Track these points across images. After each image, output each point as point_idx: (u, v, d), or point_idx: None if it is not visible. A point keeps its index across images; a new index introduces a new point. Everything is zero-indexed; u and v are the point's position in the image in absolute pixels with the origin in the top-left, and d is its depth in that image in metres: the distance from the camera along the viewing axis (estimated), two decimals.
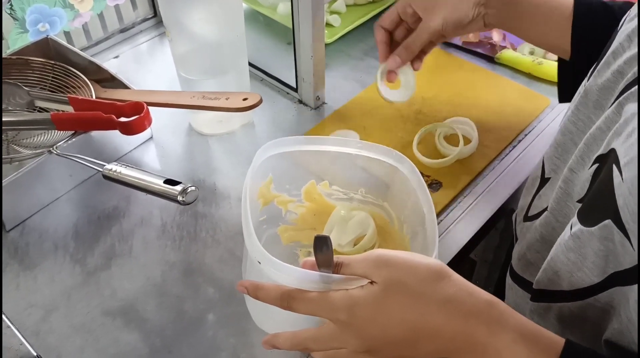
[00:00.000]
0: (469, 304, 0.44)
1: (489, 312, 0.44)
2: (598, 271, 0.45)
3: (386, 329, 0.45)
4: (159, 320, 0.64)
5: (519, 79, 0.92)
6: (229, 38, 0.75)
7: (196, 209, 0.75)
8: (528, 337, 0.43)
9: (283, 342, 0.50)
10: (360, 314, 0.45)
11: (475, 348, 0.43)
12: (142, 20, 1.02)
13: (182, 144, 0.84)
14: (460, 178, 0.78)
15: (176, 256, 0.69)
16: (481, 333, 0.43)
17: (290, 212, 0.70)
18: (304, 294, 0.47)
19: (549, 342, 0.43)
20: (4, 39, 0.87)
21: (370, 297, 0.45)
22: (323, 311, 0.47)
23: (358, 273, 0.47)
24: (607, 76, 0.49)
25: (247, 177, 0.58)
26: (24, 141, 0.80)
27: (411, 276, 0.45)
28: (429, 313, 0.44)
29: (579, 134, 0.53)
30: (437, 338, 0.44)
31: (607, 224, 0.41)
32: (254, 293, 0.50)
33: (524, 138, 0.83)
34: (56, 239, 0.71)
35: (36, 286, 0.67)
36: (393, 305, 0.44)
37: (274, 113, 0.88)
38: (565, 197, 0.53)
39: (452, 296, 0.44)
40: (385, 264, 0.45)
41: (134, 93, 0.79)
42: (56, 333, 0.62)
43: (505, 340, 0.43)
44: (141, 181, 0.62)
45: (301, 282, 0.48)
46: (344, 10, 1.03)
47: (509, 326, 0.43)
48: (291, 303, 0.48)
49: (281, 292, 0.48)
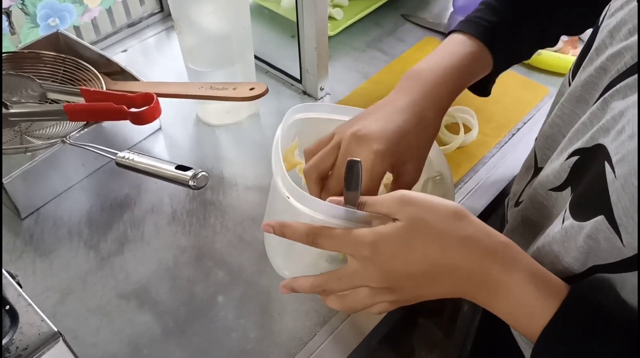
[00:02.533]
0: (486, 243, 0.46)
1: (504, 251, 0.46)
2: (579, 265, 0.46)
3: (408, 263, 0.47)
4: (171, 302, 0.66)
5: (518, 69, 0.94)
6: (236, 30, 0.77)
7: (205, 197, 0.77)
8: (538, 277, 0.45)
9: (302, 284, 0.52)
10: (384, 249, 0.47)
11: (488, 286, 0.46)
12: (149, 15, 1.04)
13: (190, 135, 0.86)
14: (461, 165, 0.80)
15: (187, 241, 0.72)
16: (495, 271, 0.45)
17: None
18: (329, 230, 0.49)
19: (557, 285, 0.45)
20: (16, 34, 0.89)
21: (393, 233, 0.47)
22: (347, 247, 0.48)
23: (382, 211, 0.48)
24: (590, 71, 0.50)
25: (278, 130, 0.60)
26: (37, 132, 0.82)
27: (433, 215, 0.47)
28: (450, 248, 0.46)
29: (565, 127, 0.55)
30: (455, 274, 0.46)
31: (599, 220, 0.43)
32: (280, 230, 0.51)
33: (522, 126, 0.86)
34: (70, 226, 0.74)
35: (52, 271, 0.69)
36: (415, 241, 0.46)
37: (279, 104, 0.90)
38: (538, 186, 0.54)
39: (470, 235, 0.46)
40: (408, 203, 0.47)
41: (143, 85, 0.82)
42: (73, 315, 0.65)
43: (517, 278, 0.45)
44: (153, 168, 0.65)
45: (327, 216, 0.50)
46: (347, 4, 1.05)
47: (522, 266, 0.45)
48: (316, 239, 0.49)
49: (307, 228, 0.50)
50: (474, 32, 0.62)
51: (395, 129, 0.56)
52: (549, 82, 0.91)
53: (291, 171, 0.70)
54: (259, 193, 0.77)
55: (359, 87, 0.92)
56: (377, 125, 0.57)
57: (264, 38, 1.00)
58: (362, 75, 0.95)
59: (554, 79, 0.92)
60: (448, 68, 0.61)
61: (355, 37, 1.03)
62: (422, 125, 0.59)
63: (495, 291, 0.46)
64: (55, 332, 0.49)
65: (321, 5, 0.80)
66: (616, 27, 0.48)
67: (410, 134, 0.57)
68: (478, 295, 0.47)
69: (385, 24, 1.05)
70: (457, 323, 1.11)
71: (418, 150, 0.58)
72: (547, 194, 0.53)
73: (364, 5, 1.05)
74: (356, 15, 1.03)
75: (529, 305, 0.44)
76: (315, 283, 0.52)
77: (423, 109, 0.59)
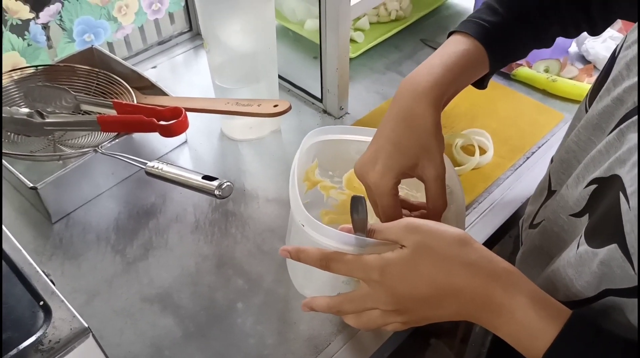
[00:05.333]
0: (489, 268, 0.49)
1: (506, 277, 0.48)
2: (592, 289, 0.48)
3: (415, 287, 0.49)
4: (192, 306, 0.69)
5: (534, 95, 0.97)
6: (262, 49, 0.81)
7: (227, 208, 0.80)
8: (539, 302, 0.47)
9: (320, 303, 0.56)
10: (392, 273, 0.50)
11: (492, 308, 0.48)
12: (179, 34, 1.08)
13: (214, 148, 0.89)
14: (476, 185, 0.82)
15: (209, 249, 0.75)
16: (498, 295, 0.47)
17: (331, 198, 0.74)
18: (341, 256, 0.52)
19: (558, 309, 0.47)
20: (53, 48, 0.94)
21: (400, 258, 0.50)
22: (358, 271, 0.52)
23: (390, 238, 0.52)
24: (607, 102, 0.52)
25: (295, 157, 0.64)
26: (69, 141, 0.86)
27: (438, 241, 0.50)
28: (454, 273, 0.48)
29: (581, 153, 0.57)
30: (460, 297, 0.48)
31: (612, 248, 0.44)
32: (296, 255, 0.55)
33: (537, 149, 0.88)
34: (99, 231, 0.77)
35: (80, 274, 0.72)
36: (422, 266, 0.49)
37: (300, 121, 0.93)
38: (560, 210, 0.56)
39: (474, 261, 0.49)
40: (414, 230, 0.50)
41: (172, 99, 0.85)
42: (98, 316, 0.68)
43: (519, 302, 0.47)
44: (181, 177, 0.68)
45: (339, 243, 0.53)
46: (368, 28, 1.09)
47: (523, 291, 0.47)
48: (329, 264, 0.53)
49: (321, 254, 0.53)
50: (471, 32, 0.63)
51: (383, 145, 0.59)
52: (564, 109, 0.94)
53: (313, 189, 0.73)
54: (278, 205, 0.80)
55: (377, 107, 0.95)
56: (368, 153, 0.61)
57: (288, 58, 1.04)
58: (381, 96, 0.98)
59: (569, 105, 0.95)
60: (443, 66, 0.61)
61: (376, 59, 1.06)
62: (413, 125, 0.59)
63: (498, 314, 0.48)
64: (86, 327, 0.52)
65: (343, 28, 0.84)
66: (633, 59, 0.50)
67: (401, 140, 0.59)
68: (482, 317, 0.49)
69: (405, 48, 1.08)
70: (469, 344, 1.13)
71: (418, 148, 0.59)
72: (568, 219, 0.55)
73: (384, 29, 1.08)
74: (377, 39, 1.06)
75: (531, 328, 0.46)
76: (331, 304, 0.56)
77: (412, 109, 0.59)
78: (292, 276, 0.67)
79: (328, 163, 0.72)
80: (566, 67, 0.99)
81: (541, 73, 0.98)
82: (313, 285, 0.64)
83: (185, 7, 1.07)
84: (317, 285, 0.63)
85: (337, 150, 0.71)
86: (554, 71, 0.99)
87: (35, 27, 0.90)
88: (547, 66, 1.00)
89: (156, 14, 1.03)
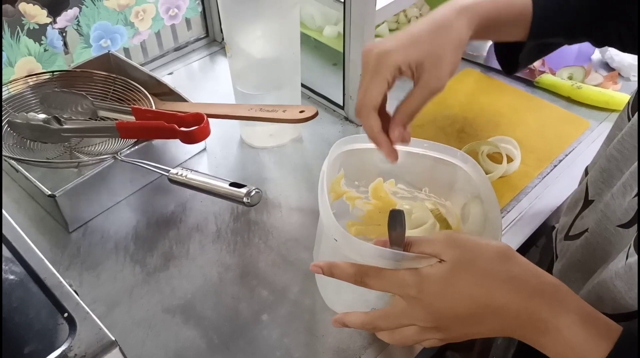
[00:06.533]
0: (534, 283, 0.46)
1: (552, 293, 0.46)
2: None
3: (454, 304, 0.47)
4: (216, 318, 0.66)
5: (558, 102, 0.95)
6: (286, 55, 0.79)
7: (249, 217, 0.78)
8: (588, 320, 0.44)
9: (354, 320, 0.53)
10: (430, 289, 0.47)
11: (537, 326, 0.45)
12: (195, 40, 1.07)
13: (234, 156, 0.88)
14: (503, 194, 0.80)
15: (231, 259, 0.73)
16: (544, 312, 0.45)
17: (357, 208, 0.72)
18: (377, 271, 0.50)
19: (607, 327, 0.44)
20: (69, 53, 0.92)
21: (439, 274, 0.47)
22: (394, 287, 0.49)
23: (428, 252, 0.49)
24: None
25: (323, 169, 0.62)
26: (85, 148, 0.85)
27: (479, 256, 0.47)
28: (496, 289, 0.46)
29: (624, 162, 0.55)
30: (503, 314, 0.46)
31: None
32: (329, 271, 0.52)
33: (564, 158, 0.86)
34: (117, 240, 0.75)
35: (99, 284, 0.70)
36: (461, 281, 0.47)
37: (321, 129, 0.92)
38: (605, 221, 0.54)
39: (518, 276, 0.46)
40: (454, 244, 0.48)
41: (192, 106, 0.84)
42: (119, 326, 0.66)
43: (567, 320, 0.44)
44: (207, 184, 0.66)
45: (374, 258, 0.50)
46: (388, 34, 1.07)
47: (571, 308, 0.45)
48: (365, 279, 0.50)
49: (355, 269, 0.51)
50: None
51: (402, 35, 0.59)
52: (590, 116, 0.92)
53: (339, 199, 0.71)
54: (302, 214, 0.78)
55: None
56: (390, 37, 0.60)
57: (307, 65, 1.02)
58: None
59: (595, 113, 0.93)
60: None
61: None
62: (443, 27, 0.59)
63: (544, 332, 0.45)
64: (113, 340, 0.50)
65: (368, 34, 0.82)
66: None
67: (421, 36, 0.58)
68: (527, 335, 0.47)
69: None
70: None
71: (431, 49, 0.58)
72: (616, 230, 0.53)
73: None
74: None
75: (580, 347, 0.44)
76: (366, 320, 0.53)
77: (443, 16, 0.60)
78: (322, 291, 0.65)
79: (354, 172, 0.70)
80: (590, 74, 0.98)
81: (565, 80, 0.96)
82: (344, 300, 0.62)
83: (202, 13, 1.05)
84: (349, 300, 0.61)
85: (362, 159, 0.69)
86: (579, 78, 0.97)
87: (53, 32, 0.88)
88: (571, 73, 0.98)
89: (173, 20, 1.02)
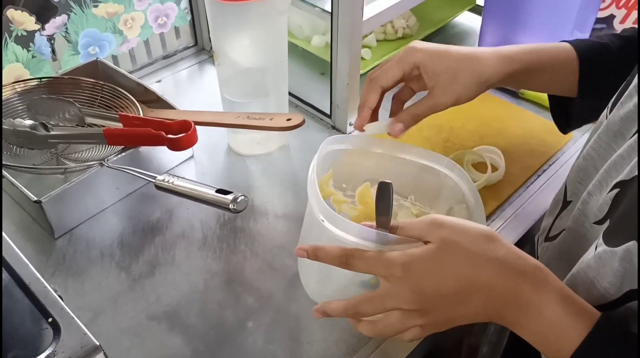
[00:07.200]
0: (518, 264, 0.47)
1: (535, 273, 0.47)
2: (615, 290, 0.47)
3: (440, 282, 0.48)
4: (201, 325, 0.66)
5: (543, 113, 0.96)
6: (273, 63, 0.80)
7: (235, 224, 0.78)
8: (569, 300, 0.46)
9: (335, 308, 0.53)
10: (416, 268, 0.48)
11: (520, 304, 0.46)
12: (184, 49, 1.07)
13: (221, 163, 0.88)
14: (488, 203, 0.81)
15: (217, 266, 0.73)
16: (527, 291, 0.46)
17: (343, 213, 0.72)
18: (362, 253, 0.50)
19: (586, 309, 0.46)
20: (57, 60, 0.92)
21: (425, 254, 0.48)
22: (380, 268, 0.50)
23: (413, 235, 0.50)
24: (629, 107, 0.52)
25: (314, 158, 0.62)
26: (72, 155, 0.84)
27: (464, 237, 0.48)
28: (482, 268, 0.47)
29: (599, 160, 0.56)
30: (487, 293, 0.47)
31: (631, 245, 0.44)
32: (313, 254, 0.53)
33: (548, 167, 0.87)
34: (103, 247, 0.75)
35: (84, 291, 0.70)
36: (447, 261, 0.48)
37: (309, 137, 0.92)
38: (583, 218, 0.55)
39: (502, 256, 0.47)
40: (439, 225, 0.49)
41: (179, 113, 0.84)
42: (103, 334, 0.65)
43: (548, 299, 0.46)
44: (194, 191, 0.66)
45: (360, 238, 0.51)
46: (375, 45, 1.08)
47: (552, 287, 0.47)
48: (349, 261, 0.51)
49: (340, 251, 0.51)
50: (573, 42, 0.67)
51: (440, 48, 0.68)
52: None
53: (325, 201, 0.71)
54: (288, 222, 0.79)
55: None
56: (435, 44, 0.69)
57: (295, 74, 1.03)
58: (388, 112, 0.97)
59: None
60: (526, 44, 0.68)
61: None
62: (472, 58, 0.67)
63: (526, 311, 0.47)
64: (97, 345, 0.50)
65: (355, 43, 0.83)
66: None
67: (451, 57, 0.67)
68: (508, 315, 0.48)
69: None
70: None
71: (451, 70, 0.66)
72: (592, 227, 0.54)
73: (391, 47, 1.08)
74: (384, 56, 1.06)
75: (560, 326, 0.45)
76: (348, 305, 0.53)
77: (482, 52, 0.68)
78: (305, 281, 0.64)
79: (343, 174, 0.71)
80: None
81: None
82: (327, 291, 0.61)
83: (191, 22, 1.06)
84: (332, 289, 0.60)
85: (353, 162, 0.69)
86: None
87: (41, 38, 0.88)
88: None
89: (162, 28, 1.02)
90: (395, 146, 0.68)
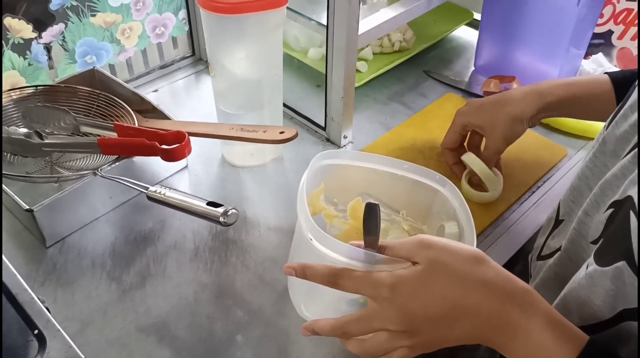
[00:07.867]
0: (506, 286, 0.47)
1: (523, 297, 0.47)
2: (608, 309, 0.47)
3: (427, 304, 0.47)
4: (190, 338, 0.66)
5: (537, 129, 0.96)
6: (268, 76, 0.80)
7: (227, 236, 0.78)
8: (556, 325, 0.46)
9: (323, 326, 0.53)
10: (403, 290, 0.48)
11: (508, 328, 0.46)
12: (181, 59, 1.08)
13: (214, 174, 0.88)
14: (482, 219, 0.81)
15: (208, 278, 0.72)
16: (515, 315, 0.46)
17: (334, 227, 0.72)
18: (350, 272, 0.50)
19: (575, 333, 0.46)
20: (54, 68, 0.93)
21: (413, 275, 0.48)
22: (367, 288, 0.50)
23: (401, 255, 0.50)
24: (624, 127, 0.52)
25: (304, 174, 0.63)
26: (66, 163, 0.84)
27: (452, 258, 0.48)
28: (469, 291, 0.47)
29: (594, 180, 0.56)
30: (475, 316, 0.47)
31: (620, 265, 0.44)
32: (302, 272, 0.53)
33: (542, 184, 0.87)
34: (94, 257, 0.75)
35: (73, 301, 0.70)
36: (435, 283, 0.47)
37: (303, 149, 0.92)
38: (579, 238, 0.55)
39: (490, 279, 0.47)
40: (427, 246, 0.49)
41: (174, 123, 0.84)
42: (92, 345, 0.65)
43: (536, 323, 0.45)
44: (184, 203, 0.66)
45: (348, 258, 0.51)
46: (371, 58, 1.09)
47: (540, 312, 0.46)
48: (337, 280, 0.51)
49: (328, 270, 0.51)
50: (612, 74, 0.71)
51: (476, 103, 0.81)
52: (568, 144, 0.93)
53: (316, 215, 0.71)
54: (280, 234, 0.78)
55: (380, 137, 0.94)
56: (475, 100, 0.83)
57: (290, 86, 1.03)
58: (384, 126, 0.98)
59: (573, 141, 0.94)
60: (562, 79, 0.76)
61: (379, 90, 1.06)
62: (501, 102, 0.78)
63: (513, 335, 0.46)
64: None
65: (351, 57, 0.83)
66: None
67: (484, 108, 0.80)
68: (496, 338, 0.47)
69: (408, 79, 1.08)
70: None
71: (491, 120, 0.78)
72: (589, 247, 0.54)
73: (387, 60, 1.08)
74: (380, 69, 1.06)
75: (547, 350, 0.45)
76: (336, 325, 0.53)
77: (512, 92, 0.78)
78: (293, 298, 0.64)
79: (334, 189, 0.71)
80: None
81: None
82: (316, 308, 0.61)
83: (189, 32, 1.06)
84: (320, 307, 0.60)
85: (344, 177, 0.69)
86: None
87: (37, 46, 0.89)
88: None
89: (159, 38, 1.03)
90: (386, 161, 0.68)
